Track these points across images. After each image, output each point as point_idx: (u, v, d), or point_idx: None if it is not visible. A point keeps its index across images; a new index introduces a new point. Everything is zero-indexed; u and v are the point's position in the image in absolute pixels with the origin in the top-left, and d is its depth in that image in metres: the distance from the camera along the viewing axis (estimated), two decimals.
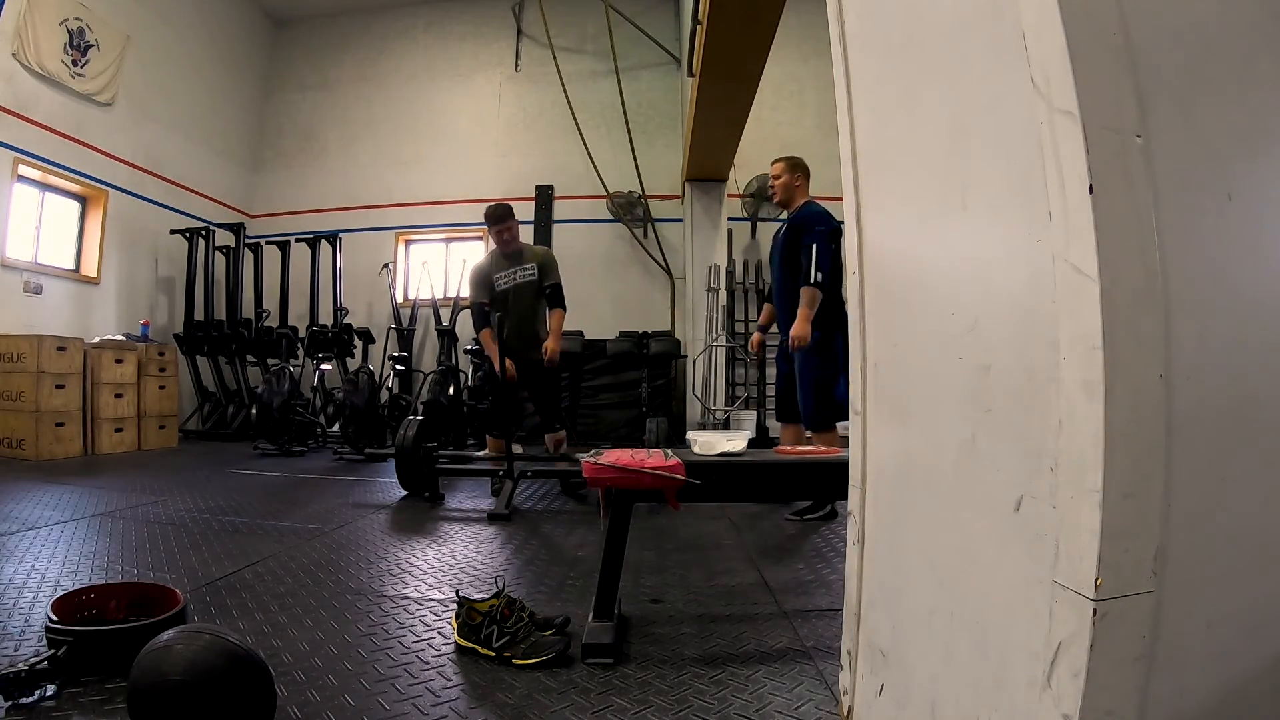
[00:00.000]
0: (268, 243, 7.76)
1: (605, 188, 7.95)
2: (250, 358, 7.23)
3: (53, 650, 1.43)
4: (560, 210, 8.23)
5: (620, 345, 7.34)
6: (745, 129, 6.13)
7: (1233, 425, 0.73)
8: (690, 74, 5.70)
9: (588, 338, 7.29)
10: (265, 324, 7.15)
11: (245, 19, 8.76)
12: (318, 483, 4.51)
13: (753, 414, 7.02)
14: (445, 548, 2.77)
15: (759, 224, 7.76)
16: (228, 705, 1.19)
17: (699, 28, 4.81)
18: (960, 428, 0.92)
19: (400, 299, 8.10)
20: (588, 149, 7.87)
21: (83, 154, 6.47)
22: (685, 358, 7.40)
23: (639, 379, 7.27)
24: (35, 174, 6.07)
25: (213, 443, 6.77)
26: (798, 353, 3.33)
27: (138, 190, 7.14)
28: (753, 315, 7.29)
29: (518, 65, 8.67)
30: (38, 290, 6.03)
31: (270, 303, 7.40)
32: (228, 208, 8.43)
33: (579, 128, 7.85)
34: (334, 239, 7.68)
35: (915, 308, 1.10)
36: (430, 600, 2.09)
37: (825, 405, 3.29)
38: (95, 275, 6.68)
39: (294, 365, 6.79)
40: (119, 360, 5.81)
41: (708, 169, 6.93)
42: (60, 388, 5.24)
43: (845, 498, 1.35)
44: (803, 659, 1.67)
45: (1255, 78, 0.78)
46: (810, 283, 3.20)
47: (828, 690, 1.49)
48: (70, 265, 6.60)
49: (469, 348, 6.39)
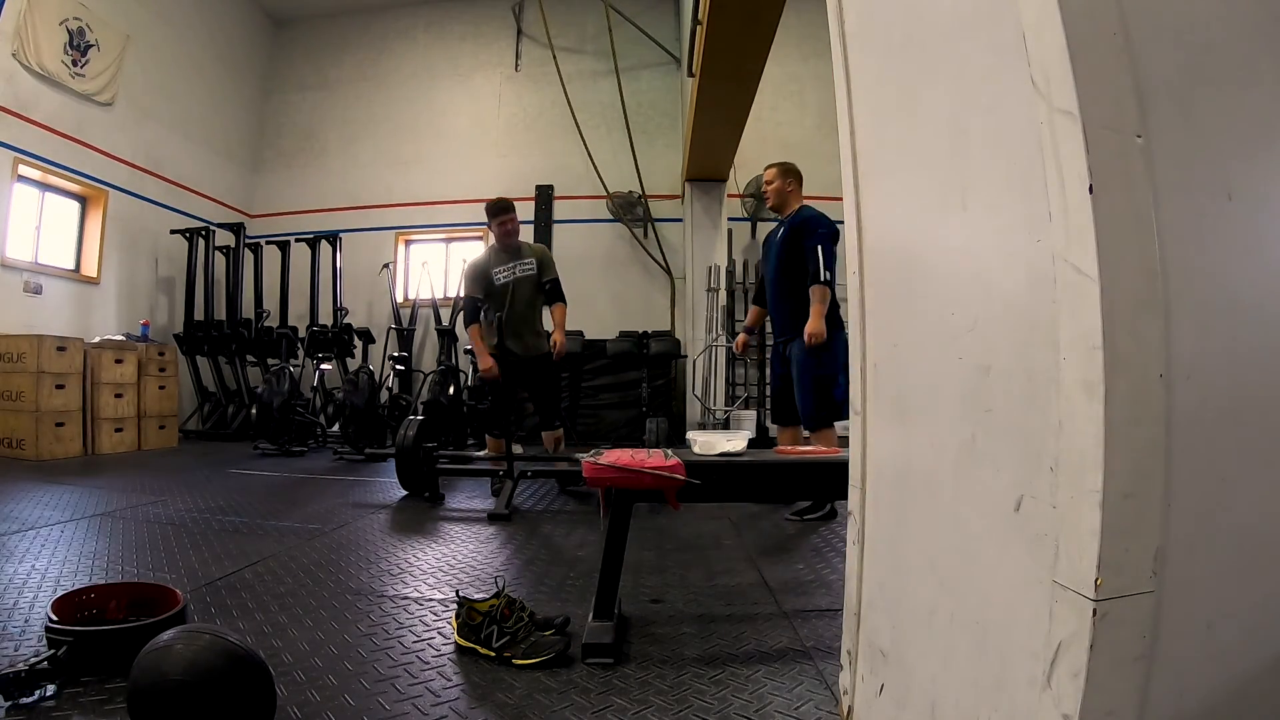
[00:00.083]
0: (268, 243, 7.76)
1: (605, 188, 7.95)
2: (250, 358, 7.23)
3: (53, 650, 1.43)
4: (560, 210, 8.23)
5: (620, 345, 7.34)
6: (745, 129, 6.13)
7: (1233, 425, 0.73)
8: (690, 74, 5.70)
9: (588, 338, 7.29)
10: (265, 324, 7.15)
11: (245, 19, 8.76)
12: (318, 483, 4.51)
13: (753, 414, 7.01)
14: (445, 548, 2.77)
15: (759, 224, 7.76)
16: (228, 705, 1.19)
17: (699, 28, 4.82)
18: (960, 428, 0.92)
19: (400, 299, 8.09)
20: (588, 149, 7.87)
21: (83, 154, 6.47)
22: (685, 358, 7.40)
23: (639, 379, 7.27)
24: (35, 174, 6.08)
25: (213, 443, 6.77)
26: (798, 352, 3.36)
27: (138, 190, 7.15)
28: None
29: (518, 65, 8.67)
30: (38, 290, 6.04)
31: (270, 303, 7.40)
32: (228, 208, 8.43)
33: (579, 128, 7.84)
34: (334, 239, 7.68)
35: (915, 308, 1.10)
36: (430, 600, 2.09)
37: (824, 405, 3.32)
38: (95, 275, 6.69)
39: (294, 365, 6.79)
40: (119, 360, 5.81)
41: (708, 169, 6.92)
42: (60, 388, 5.25)
43: (845, 498, 1.35)
44: (803, 659, 1.67)
45: (1255, 78, 0.78)
46: (820, 281, 3.27)
47: (828, 690, 1.49)
48: (70, 265, 6.60)
49: (469, 347, 6.39)
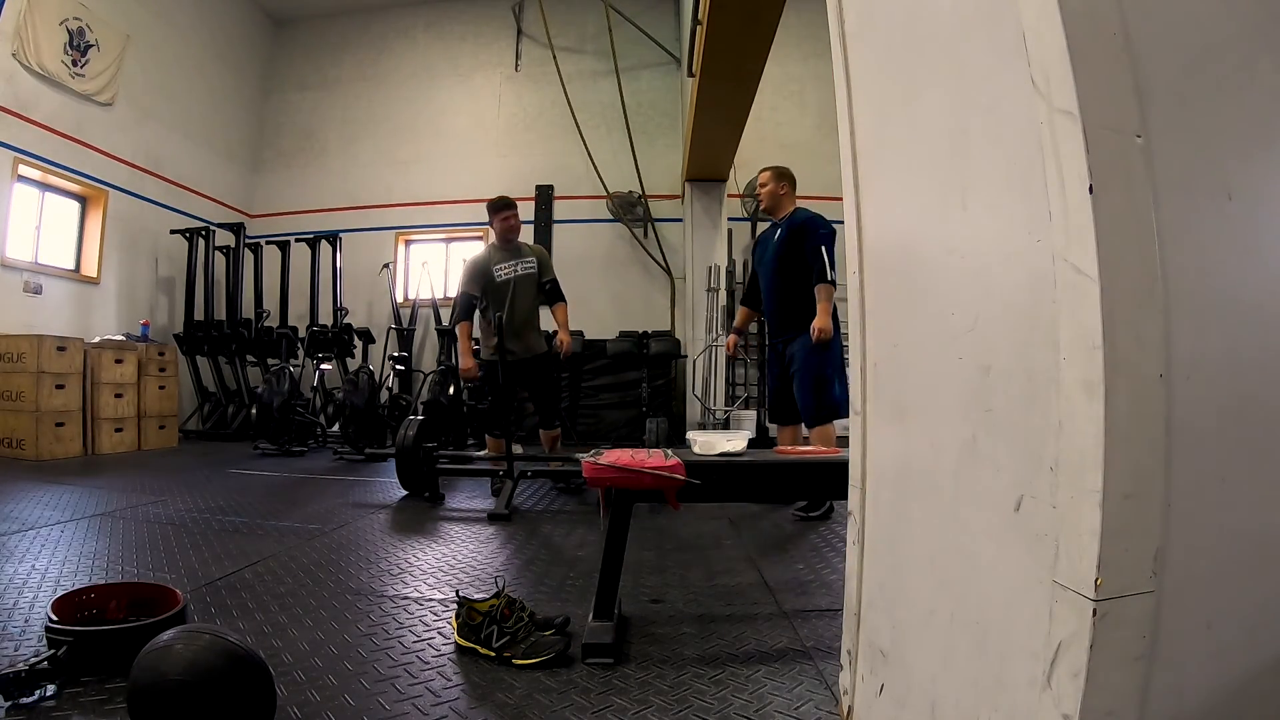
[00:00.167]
0: (268, 243, 7.75)
1: (605, 188, 7.95)
2: (250, 358, 7.22)
3: (53, 650, 1.43)
4: (560, 210, 8.23)
5: (620, 345, 7.34)
6: (745, 129, 6.12)
7: (1233, 425, 0.73)
8: (690, 74, 5.70)
9: (588, 338, 7.28)
10: (265, 324, 7.15)
11: (245, 19, 8.75)
12: (318, 483, 4.51)
13: (753, 414, 7.01)
14: (445, 548, 2.77)
15: (759, 224, 7.76)
16: (228, 705, 1.19)
17: (699, 28, 4.81)
18: (960, 428, 0.92)
19: (400, 299, 8.10)
20: (588, 149, 7.87)
21: (83, 154, 6.47)
22: (685, 358, 7.40)
23: (639, 379, 7.27)
24: (35, 174, 6.07)
25: (213, 443, 6.77)
26: (799, 350, 3.42)
27: (138, 190, 7.14)
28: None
29: (518, 65, 8.67)
30: (38, 290, 6.03)
31: (270, 303, 7.39)
32: (228, 208, 8.42)
33: (579, 128, 7.84)
34: (334, 239, 7.68)
35: (915, 308, 1.10)
36: (430, 600, 2.09)
37: (824, 402, 3.39)
38: (95, 275, 6.68)
39: (294, 365, 6.78)
40: (119, 360, 5.81)
41: (708, 169, 6.92)
42: (60, 388, 5.24)
43: (845, 498, 1.35)
44: (803, 659, 1.67)
45: (1255, 78, 0.78)
46: (826, 280, 3.35)
47: (828, 690, 1.49)
48: (70, 265, 6.60)
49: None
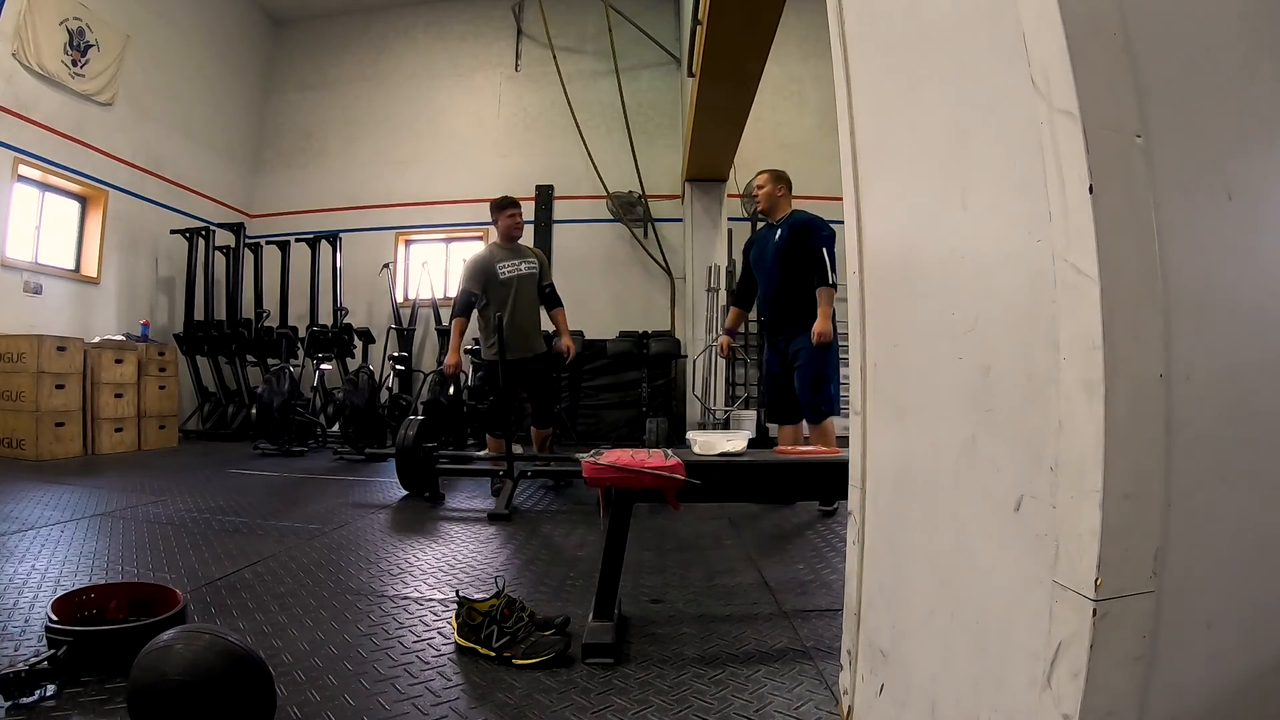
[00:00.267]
0: (268, 243, 7.75)
1: (605, 188, 7.94)
2: (250, 358, 7.22)
3: (53, 650, 1.43)
4: (560, 210, 8.23)
5: (620, 345, 7.34)
6: (745, 129, 6.12)
7: (1232, 425, 0.73)
8: (690, 74, 5.70)
9: (588, 338, 7.28)
10: (265, 324, 7.14)
11: (245, 19, 8.75)
12: (318, 483, 4.51)
13: (753, 414, 7.01)
14: (445, 548, 2.77)
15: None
16: (228, 705, 1.19)
17: (699, 28, 4.81)
18: (960, 428, 0.92)
19: (400, 299, 8.09)
20: (588, 149, 7.87)
21: (83, 154, 6.46)
22: (685, 358, 7.40)
23: (639, 379, 7.27)
24: (35, 174, 6.07)
25: (213, 443, 6.77)
26: (803, 348, 3.48)
27: (138, 190, 7.14)
28: (753, 315, 7.28)
29: (518, 65, 8.66)
30: (38, 290, 6.03)
31: (270, 303, 7.39)
32: (228, 208, 8.42)
33: (579, 128, 7.84)
34: (334, 239, 7.67)
35: (915, 308, 1.10)
36: (430, 600, 2.09)
37: (825, 399, 3.51)
38: (95, 275, 6.68)
39: (294, 365, 6.78)
40: (119, 360, 5.81)
41: (708, 169, 6.92)
42: (60, 388, 5.24)
43: (845, 498, 1.35)
44: (803, 659, 1.67)
45: (1255, 78, 0.78)
46: (828, 283, 3.41)
47: (828, 690, 1.49)
48: (70, 265, 6.59)
49: (469, 347, 6.39)
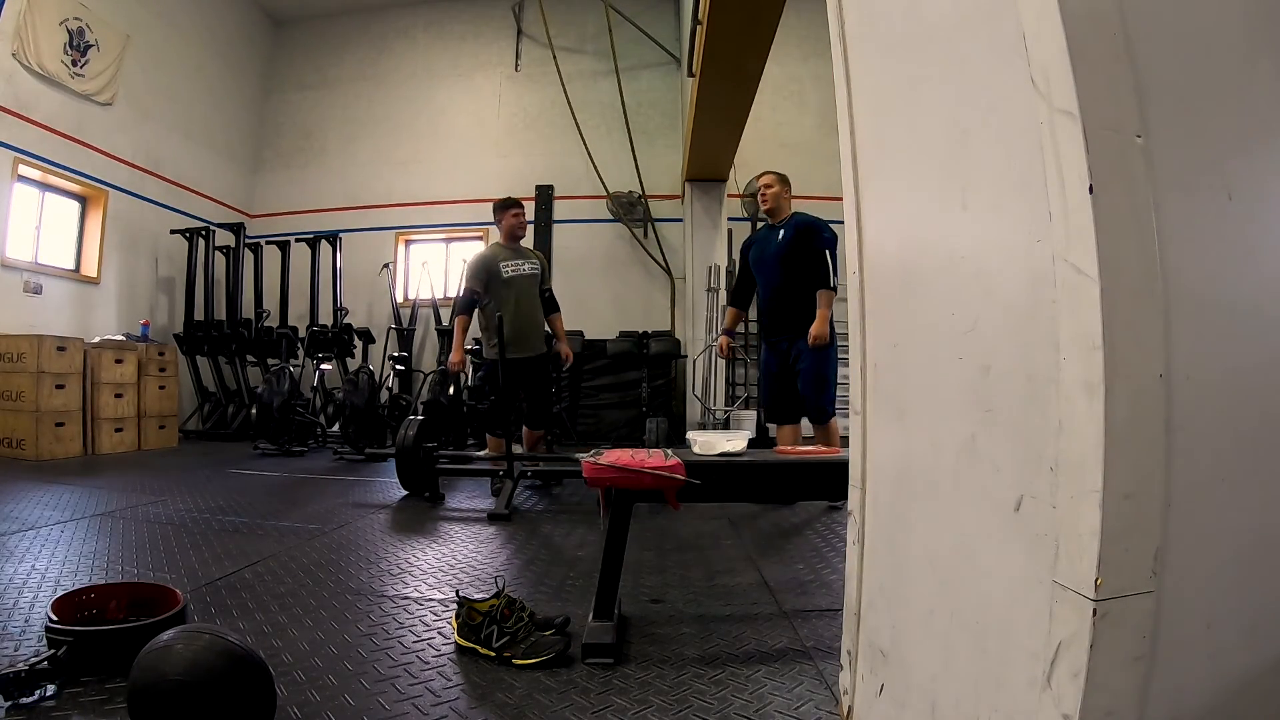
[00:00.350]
0: (268, 243, 7.75)
1: (605, 188, 7.94)
2: (250, 358, 7.22)
3: (53, 650, 1.42)
4: (560, 210, 8.23)
5: (620, 345, 7.33)
6: (745, 129, 6.12)
7: (1233, 425, 0.73)
8: (690, 74, 5.70)
9: (588, 338, 7.28)
10: (265, 324, 7.14)
11: (245, 19, 8.75)
12: (318, 483, 4.51)
13: (752, 414, 7.01)
14: (445, 548, 2.77)
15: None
16: (228, 705, 1.19)
17: (699, 28, 4.81)
18: (960, 428, 0.92)
19: (400, 299, 8.09)
20: (588, 149, 7.87)
21: (83, 154, 6.46)
22: (685, 358, 7.40)
23: (639, 379, 7.27)
24: (35, 174, 6.07)
25: (213, 443, 6.77)
26: (806, 351, 3.53)
27: (138, 190, 7.14)
28: (753, 315, 7.28)
29: (518, 65, 8.66)
30: (38, 290, 6.03)
31: (270, 303, 7.39)
32: (228, 208, 8.42)
33: (579, 128, 7.84)
34: (334, 239, 7.67)
35: (915, 307, 1.10)
36: (430, 600, 2.09)
37: (830, 401, 3.58)
38: (95, 275, 6.68)
39: (294, 365, 6.78)
40: (119, 360, 5.81)
41: (708, 169, 6.92)
42: (60, 388, 5.24)
43: (845, 498, 1.35)
44: (803, 659, 1.67)
45: (1255, 78, 0.78)
46: (830, 286, 3.47)
47: (828, 690, 1.49)
48: (70, 265, 6.59)
49: (469, 347, 6.39)
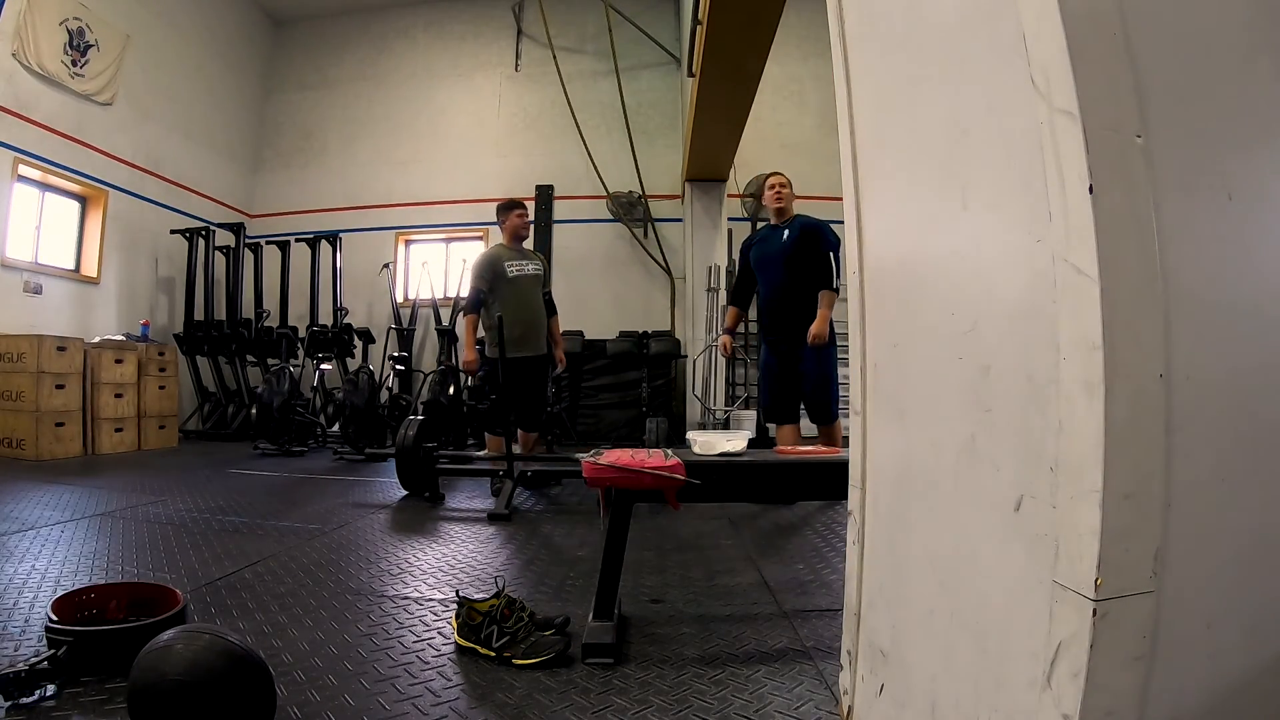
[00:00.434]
0: (268, 243, 7.75)
1: (605, 188, 7.94)
2: (250, 358, 7.22)
3: (53, 650, 1.42)
4: (560, 210, 8.23)
5: (620, 345, 7.33)
6: (745, 129, 6.12)
7: (1233, 425, 0.73)
8: (690, 74, 5.70)
9: (588, 338, 7.28)
10: (265, 324, 7.14)
11: (245, 19, 8.75)
12: (318, 483, 4.51)
13: (753, 414, 7.01)
14: (445, 548, 2.77)
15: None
16: (228, 705, 1.19)
17: (699, 28, 4.81)
18: (960, 428, 0.92)
19: (400, 299, 8.09)
20: (588, 149, 7.87)
21: (83, 154, 6.46)
22: (685, 358, 7.40)
23: (639, 379, 7.27)
24: (35, 174, 6.07)
25: (213, 443, 6.77)
26: (809, 351, 3.55)
27: (138, 190, 7.14)
28: (752, 315, 7.28)
29: (518, 65, 8.66)
30: (38, 290, 6.03)
31: (270, 303, 7.39)
32: (228, 208, 8.42)
33: (579, 128, 7.84)
34: (334, 239, 7.67)
35: (915, 308, 1.10)
36: (430, 600, 2.09)
37: (835, 401, 3.62)
38: (95, 275, 6.68)
39: (294, 365, 6.78)
40: (119, 360, 5.81)
41: (708, 169, 6.92)
42: (60, 388, 5.24)
43: (845, 498, 1.35)
44: (803, 659, 1.67)
45: (1255, 77, 0.78)
46: (833, 288, 3.53)
47: (828, 690, 1.49)
48: (70, 265, 6.59)
49: None
